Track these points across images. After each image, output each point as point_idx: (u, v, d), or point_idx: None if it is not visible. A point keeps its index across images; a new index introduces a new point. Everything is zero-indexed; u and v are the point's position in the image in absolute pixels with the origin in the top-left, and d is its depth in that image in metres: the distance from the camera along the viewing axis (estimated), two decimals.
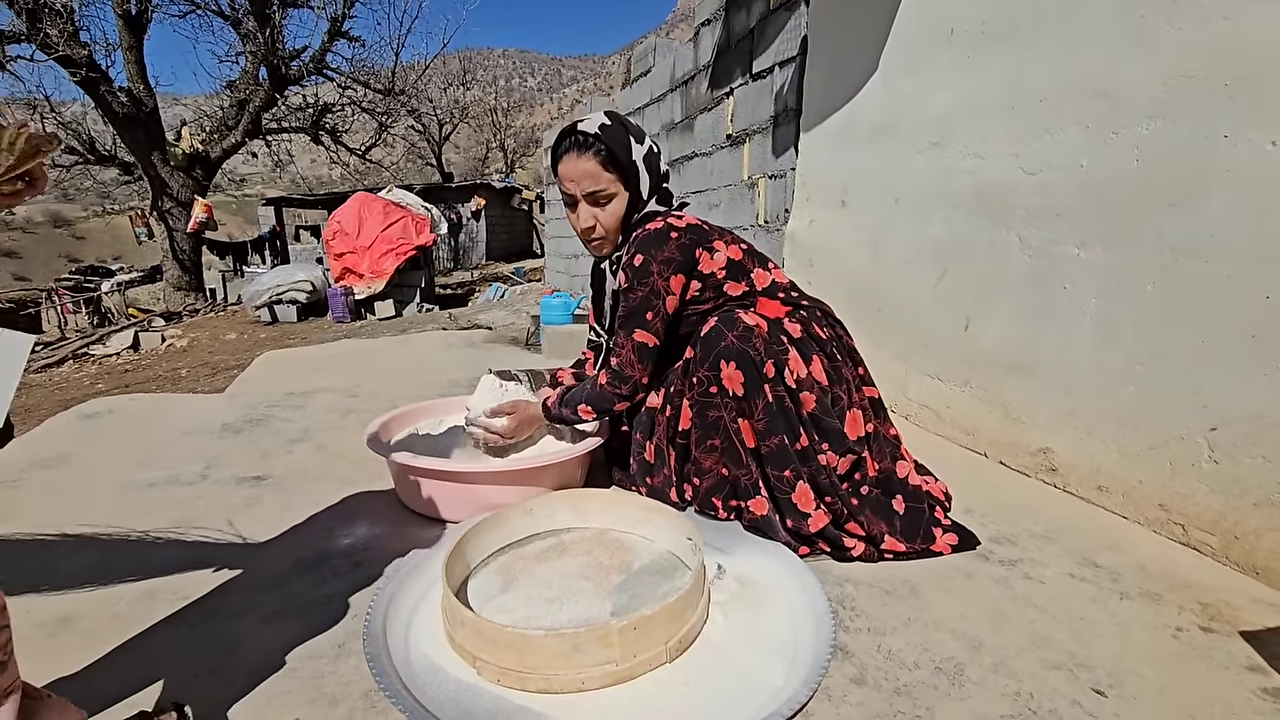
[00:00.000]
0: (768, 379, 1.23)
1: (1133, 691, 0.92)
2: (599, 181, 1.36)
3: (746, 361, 1.23)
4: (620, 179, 1.37)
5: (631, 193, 1.38)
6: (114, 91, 10.01)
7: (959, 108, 1.83)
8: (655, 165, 1.40)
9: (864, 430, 1.32)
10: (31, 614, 1.08)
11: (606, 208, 1.39)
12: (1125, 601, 1.14)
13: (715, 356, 1.24)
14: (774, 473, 1.23)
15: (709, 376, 1.26)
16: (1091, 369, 1.50)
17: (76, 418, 2.23)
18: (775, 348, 1.25)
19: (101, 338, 8.43)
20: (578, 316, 4.03)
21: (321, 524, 1.42)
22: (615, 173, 1.36)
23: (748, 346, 1.23)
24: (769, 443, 1.23)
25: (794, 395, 1.25)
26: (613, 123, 1.35)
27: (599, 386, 1.41)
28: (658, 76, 4.13)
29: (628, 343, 1.37)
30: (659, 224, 1.37)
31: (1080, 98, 1.50)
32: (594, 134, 1.34)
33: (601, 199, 1.38)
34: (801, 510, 1.21)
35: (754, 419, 1.24)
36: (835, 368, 1.33)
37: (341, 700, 0.88)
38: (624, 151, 1.35)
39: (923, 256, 1.99)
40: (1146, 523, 1.39)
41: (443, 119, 23.12)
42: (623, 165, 1.35)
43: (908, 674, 0.95)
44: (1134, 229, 1.39)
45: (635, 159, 1.36)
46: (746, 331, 1.24)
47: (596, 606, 1.06)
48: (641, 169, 1.37)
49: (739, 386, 1.23)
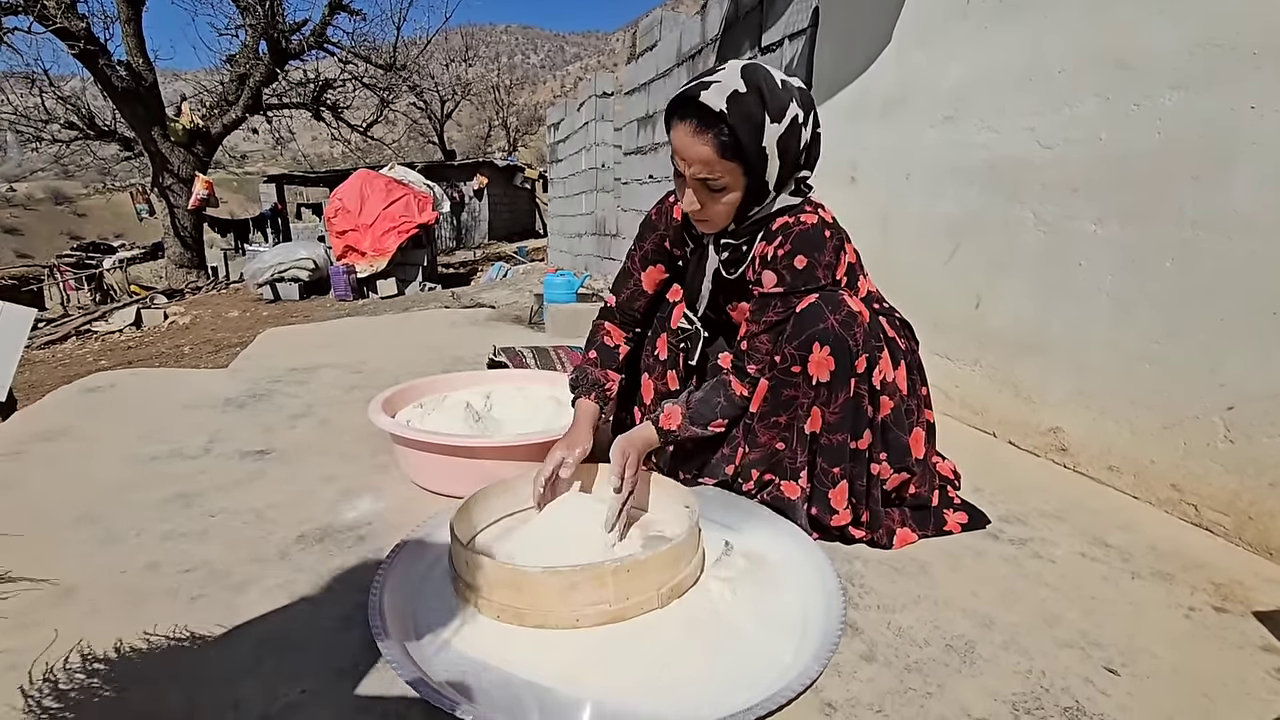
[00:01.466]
0: (857, 373, 1.13)
1: (1145, 670, 0.91)
2: (713, 170, 1.11)
3: (842, 349, 1.12)
4: (742, 169, 1.11)
5: (753, 182, 1.13)
6: (113, 65, 9.89)
7: (974, 80, 1.79)
8: (792, 145, 1.12)
9: (922, 453, 1.25)
10: (36, 584, 1.07)
11: (718, 198, 1.15)
12: (1137, 581, 1.13)
13: (809, 337, 1.13)
14: (823, 464, 1.17)
15: (795, 355, 1.14)
16: (1105, 347, 1.47)
17: (79, 391, 2.22)
18: (873, 342, 1.16)
19: (104, 314, 8.42)
20: (581, 295, 4.00)
21: (325, 498, 1.41)
22: (737, 161, 1.10)
23: (847, 334, 1.12)
24: (832, 437, 1.15)
25: (874, 397, 1.16)
26: (747, 90, 1.06)
27: (735, 398, 1.24)
28: (664, 50, 4.06)
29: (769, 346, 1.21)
30: (813, 218, 1.18)
31: (1100, 68, 1.46)
32: (718, 111, 1.06)
33: (714, 188, 1.13)
34: (832, 506, 1.17)
35: (829, 409, 1.14)
36: (913, 380, 1.25)
37: (348, 672, 0.88)
38: (753, 136, 1.07)
39: (933, 233, 1.96)
40: (1158, 503, 1.38)
41: (444, 96, 22.87)
42: (747, 154, 1.09)
43: (918, 651, 0.94)
44: (1154, 203, 1.36)
45: (766, 144, 1.09)
46: (850, 318, 1.13)
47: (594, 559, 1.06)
48: (772, 154, 1.10)
49: (825, 374, 1.13)
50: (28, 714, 0.80)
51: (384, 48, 13.22)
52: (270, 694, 0.84)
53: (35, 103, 11.47)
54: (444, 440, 1.36)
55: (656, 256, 1.40)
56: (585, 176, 6.56)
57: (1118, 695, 0.86)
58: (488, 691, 0.84)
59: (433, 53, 18.82)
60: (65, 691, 0.84)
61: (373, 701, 0.83)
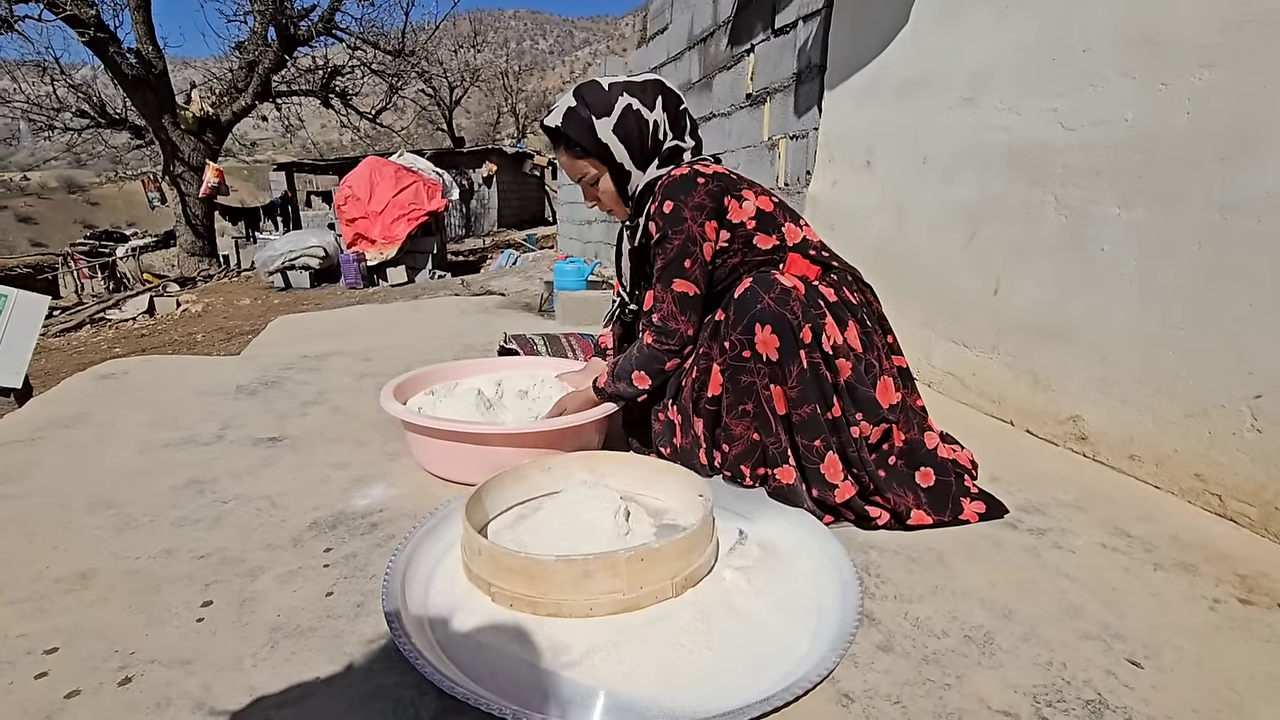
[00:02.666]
0: (804, 344, 1.16)
1: (1169, 663, 0.89)
2: (578, 170, 1.39)
3: (783, 325, 1.16)
4: (596, 160, 1.36)
5: (612, 168, 1.36)
6: (123, 53, 9.92)
7: (995, 61, 1.74)
8: (632, 129, 1.33)
9: (895, 399, 1.27)
10: (51, 569, 1.08)
11: (596, 189, 1.40)
12: (1159, 572, 1.11)
13: (750, 319, 1.18)
14: (804, 442, 1.19)
15: (742, 340, 1.19)
16: (1128, 334, 1.44)
17: (93, 378, 2.23)
18: (813, 311, 1.19)
19: (117, 303, 8.49)
20: (591, 282, 3.98)
21: (337, 485, 1.41)
22: (586, 158, 1.36)
23: (785, 310, 1.16)
24: (801, 411, 1.17)
25: (830, 362, 1.19)
26: (577, 103, 1.33)
27: (646, 347, 1.34)
28: (674, 34, 4.00)
29: (667, 295, 1.30)
30: (684, 170, 1.31)
31: (1127, 46, 1.42)
32: (556, 128, 1.35)
33: (590, 183, 1.40)
34: (829, 481, 1.18)
35: (787, 386, 1.18)
36: (868, 334, 1.27)
37: (362, 659, 0.87)
38: (587, 136, 1.33)
39: (951, 218, 1.92)
40: (1181, 493, 1.35)
41: (453, 82, 22.79)
42: (590, 150, 1.34)
43: (936, 642, 0.93)
44: (1181, 186, 1.32)
45: (601, 138, 1.32)
46: (784, 294, 1.18)
47: (607, 548, 1.06)
48: (614, 143, 1.33)
49: (773, 351, 1.17)
50: (45, 700, 0.80)
51: (392, 33, 13.19)
52: (285, 680, 0.84)
53: (47, 91, 11.53)
54: (455, 427, 1.36)
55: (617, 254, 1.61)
56: None
57: (1141, 688, 0.85)
58: (501, 679, 0.83)
59: (441, 38, 18.73)
60: (82, 677, 0.84)
61: (386, 688, 0.83)
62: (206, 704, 0.80)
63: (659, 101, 1.35)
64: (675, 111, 1.37)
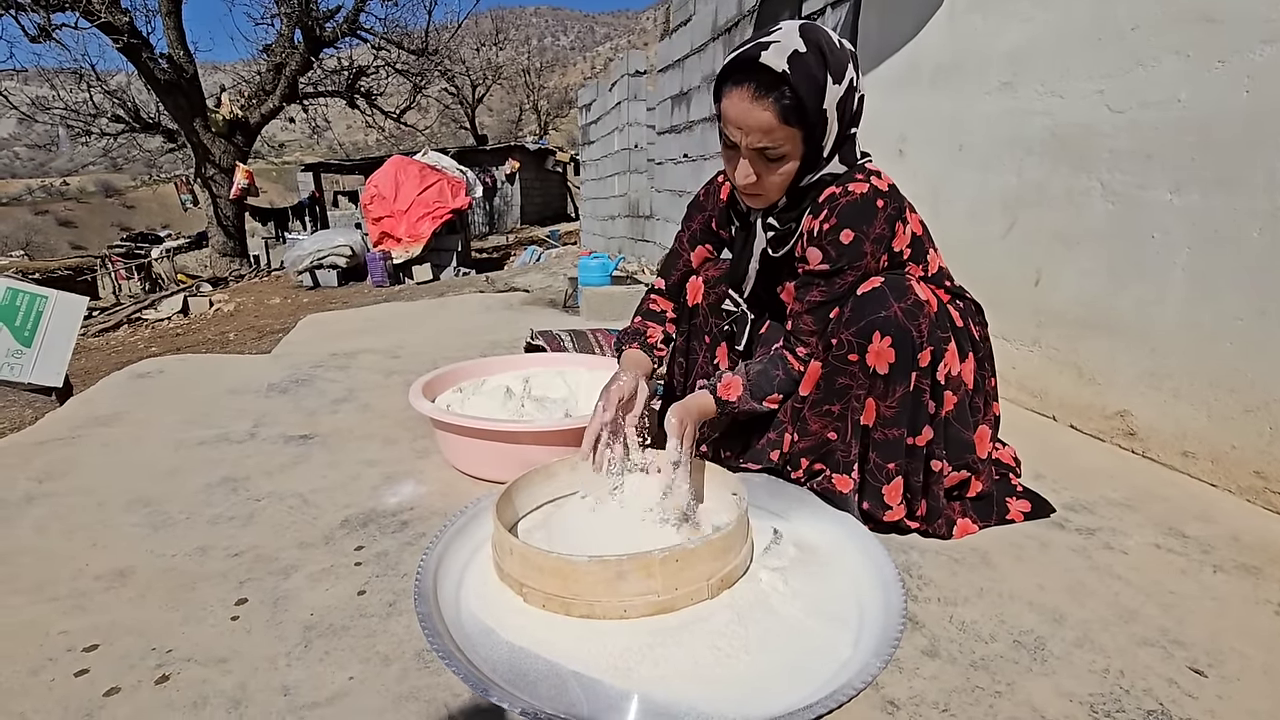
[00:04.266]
0: (918, 367, 1.05)
1: (1234, 672, 0.84)
2: (772, 138, 1.03)
3: (905, 342, 1.04)
4: (802, 134, 1.04)
5: (809, 149, 1.07)
6: (155, 58, 10.14)
7: (1035, 42, 1.68)
8: (849, 108, 1.07)
9: (987, 450, 1.17)
10: (91, 567, 1.09)
11: (776, 168, 1.08)
12: (1219, 575, 1.05)
13: (869, 324, 1.05)
14: (876, 459, 1.10)
15: (853, 343, 1.06)
16: (1181, 326, 1.38)
17: (129, 377, 2.27)
18: (939, 334, 1.07)
19: (153, 303, 8.70)
20: (615, 278, 3.96)
21: (368, 482, 1.41)
22: (798, 126, 1.03)
23: (912, 325, 1.04)
24: (887, 431, 1.08)
25: (937, 391, 1.09)
26: (808, 49, 1.00)
27: (793, 373, 1.18)
28: (699, 25, 3.96)
29: (820, 331, 1.15)
30: (863, 187, 1.09)
31: (1180, 24, 1.35)
32: (780, 72, 0.99)
33: (771, 157, 1.06)
34: (886, 502, 1.11)
35: (885, 404, 1.07)
36: (983, 374, 1.17)
37: (394, 660, 0.87)
38: (815, 97, 1.01)
39: (989, 207, 1.86)
40: (1239, 491, 1.29)
41: (475, 80, 22.93)
42: (809, 118, 1.02)
43: (984, 647, 0.89)
44: (1240, 169, 1.26)
45: (827, 106, 1.02)
46: (915, 306, 1.04)
47: (640, 548, 1.03)
48: (832, 119, 1.05)
49: (884, 366, 1.05)
50: (85, 697, 0.81)
51: (416, 33, 13.28)
52: (318, 680, 0.83)
53: (84, 98, 11.84)
54: (484, 425, 1.35)
55: (705, 236, 1.37)
56: (618, 158, 6.49)
57: (1205, 698, 0.80)
58: (534, 681, 0.82)
59: (464, 37, 18.84)
60: (120, 675, 0.84)
61: (419, 689, 0.82)
62: (241, 703, 0.79)
63: (860, 78, 1.09)
64: (861, 98, 1.11)
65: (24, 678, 0.84)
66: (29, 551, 1.15)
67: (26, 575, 1.07)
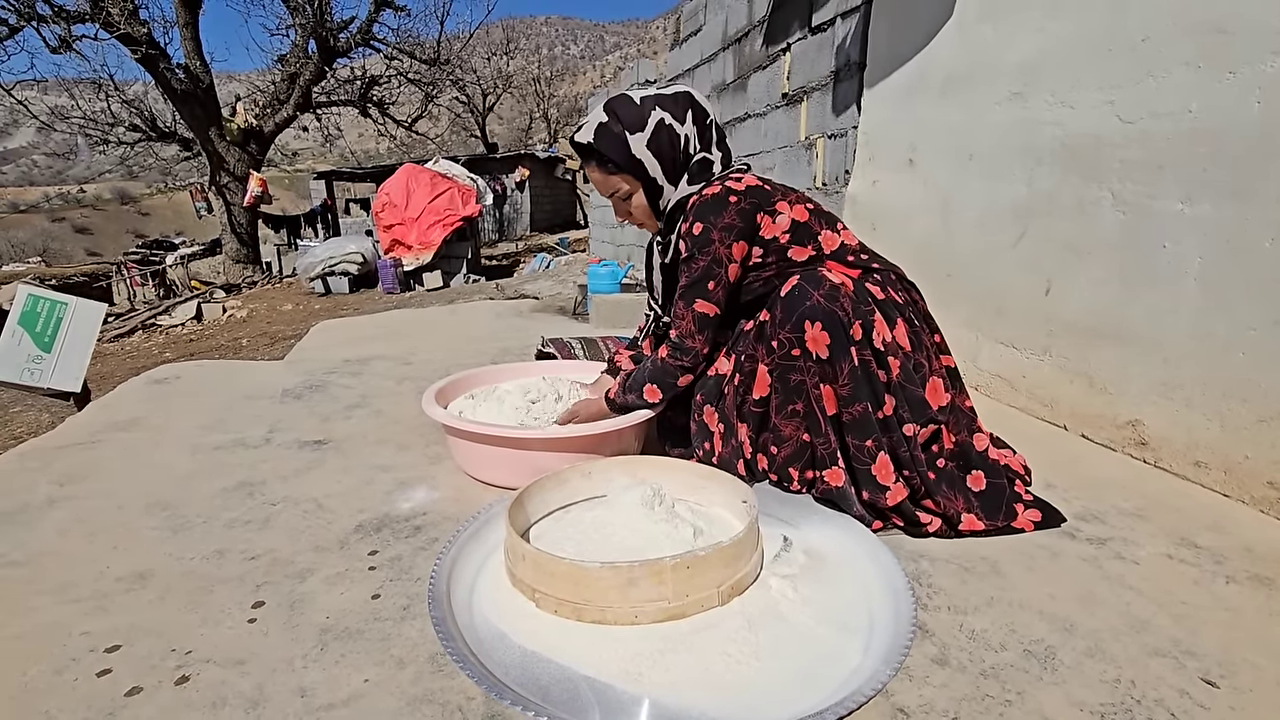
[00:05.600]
0: (854, 341, 1.14)
1: (1248, 683, 0.84)
2: (610, 185, 1.37)
3: (834, 322, 1.14)
4: (630, 176, 1.34)
5: (645, 183, 1.35)
6: (172, 69, 10.31)
7: (1045, 53, 1.69)
8: (666, 144, 1.32)
9: (944, 400, 1.24)
10: (112, 569, 1.11)
11: (629, 204, 1.39)
12: (1232, 585, 1.05)
13: (799, 317, 1.15)
14: (854, 442, 1.16)
15: (792, 338, 1.17)
16: (1193, 335, 1.38)
17: (146, 383, 2.30)
18: (863, 308, 1.17)
19: (168, 309, 8.80)
20: (625, 285, 3.98)
21: (382, 488, 1.43)
22: (620, 174, 1.34)
23: (835, 306, 1.14)
24: (852, 410, 1.15)
25: (881, 359, 1.17)
26: (609, 119, 1.32)
27: (660, 362, 1.36)
28: (708, 35, 3.98)
29: (688, 313, 1.31)
30: (716, 189, 1.30)
31: (1190, 35, 1.35)
32: (586, 145, 1.34)
33: (622, 198, 1.38)
34: (880, 483, 1.15)
35: (838, 384, 1.15)
36: (916, 333, 1.25)
37: (409, 663, 0.88)
38: (621, 152, 1.31)
39: (999, 216, 1.86)
40: (1252, 501, 1.28)
41: (486, 90, 23.11)
42: (624, 165, 1.32)
43: (994, 655, 0.89)
44: (1252, 179, 1.26)
45: (635, 153, 1.31)
46: (833, 290, 1.16)
47: (652, 555, 1.04)
48: (647, 159, 1.32)
49: (824, 349, 1.14)
50: (108, 697, 0.82)
51: (428, 43, 13.43)
52: (334, 682, 0.84)
53: (102, 107, 12.04)
54: (496, 432, 1.36)
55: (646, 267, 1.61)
56: None
57: (1218, 709, 0.80)
58: (546, 686, 0.83)
59: (475, 46, 19.03)
60: (142, 675, 0.86)
61: (434, 692, 0.83)
62: (259, 704, 0.81)
63: (689, 115, 1.34)
64: (703, 125, 1.36)
65: (49, 677, 0.86)
66: (51, 554, 1.17)
67: (49, 577, 1.09)
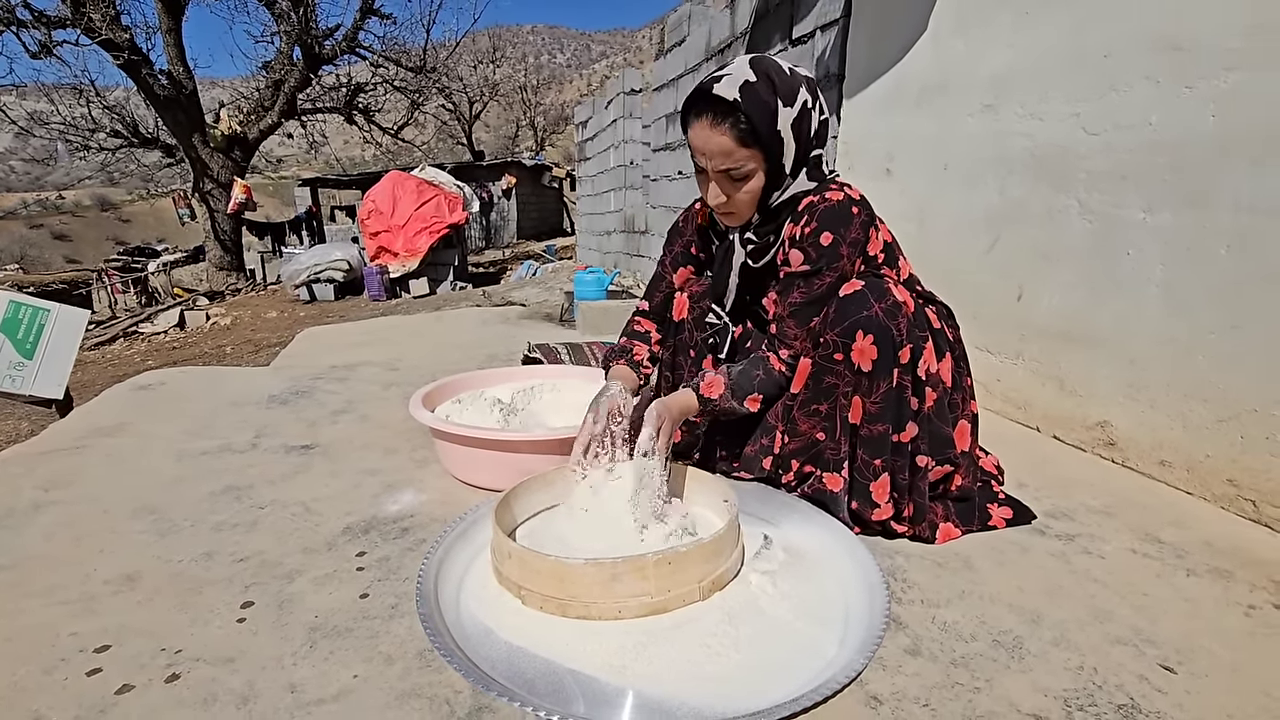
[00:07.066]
0: (899, 364, 1.11)
1: (1204, 669, 0.88)
2: (733, 159, 1.15)
3: (886, 339, 1.10)
4: (761, 154, 1.15)
5: (771, 167, 1.18)
6: (155, 74, 10.23)
7: (1015, 67, 1.75)
8: (805, 128, 1.17)
9: (966, 446, 1.23)
10: (99, 571, 1.12)
11: (741, 186, 1.18)
12: (1192, 578, 1.09)
13: (853, 324, 1.11)
14: (864, 455, 1.15)
15: (838, 343, 1.13)
16: (1157, 339, 1.43)
17: (131, 389, 2.30)
18: (917, 333, 1.13)
19: (149, 316, 8.71)
20: (611, 292, 4.01)
21: (369, 491, 1.44)
22: (755, 147, 1.14)
23: (892, 324, 1.10)
24: (872, 428, 1.13)
25: (918, 388, 1.15)
26: (758, 79, 1.11)
27: (774, 374, 1.24)
28: (692, 46, 4.05)
29: (802, 333, 1.22)
30: (839, 195, 1.19)
31: (1149, 51, 1.41)
32: (732, 100, 1.10)
33: (736, 177, 1.17)
34: (874, 499, 1.16)
35: (869, 399, 1.13)
36: (959, 372, 1.23)
37: (397, 659, 0.90)
38: (768, 121, 1.12)
39: (973, 224, 1.92)
40: (1213, 498, 1.34)
41: (473, 97, 23.13)
42: (764, 139, 1.13)
43: (964, 646, 0.93)
44: (1208, 189, 1.32)
45: (780, 128, 1.13)
46: (895, 307, 1.11)
47: (634, 551, 1.07)
48: (788, 138, 1.15)
49: (868, 363, 1.11)
50: (98, 695, 0.83)
51: (414, 51, 13.43)
52: (324, 678, 0.86)
53: (83, 112, 11.91)
54: (483, 434, 1.38)
55: (685, 259, 1.46)
56: (614, 174, 6.57)
57: (1175, 693, 0.84)
58: (532, 679, 0.85)
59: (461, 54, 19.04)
60: (132, 674, 0.87)
61: (422, 687, 0.85)
62: (250, 700, 0.82)
63: (819, 104, 1.19)
64: (824, 120, 1.22)
65: (38, 676, 0.86)
66: (38, 558, 1.17)
67: (36, 580, 1.09)
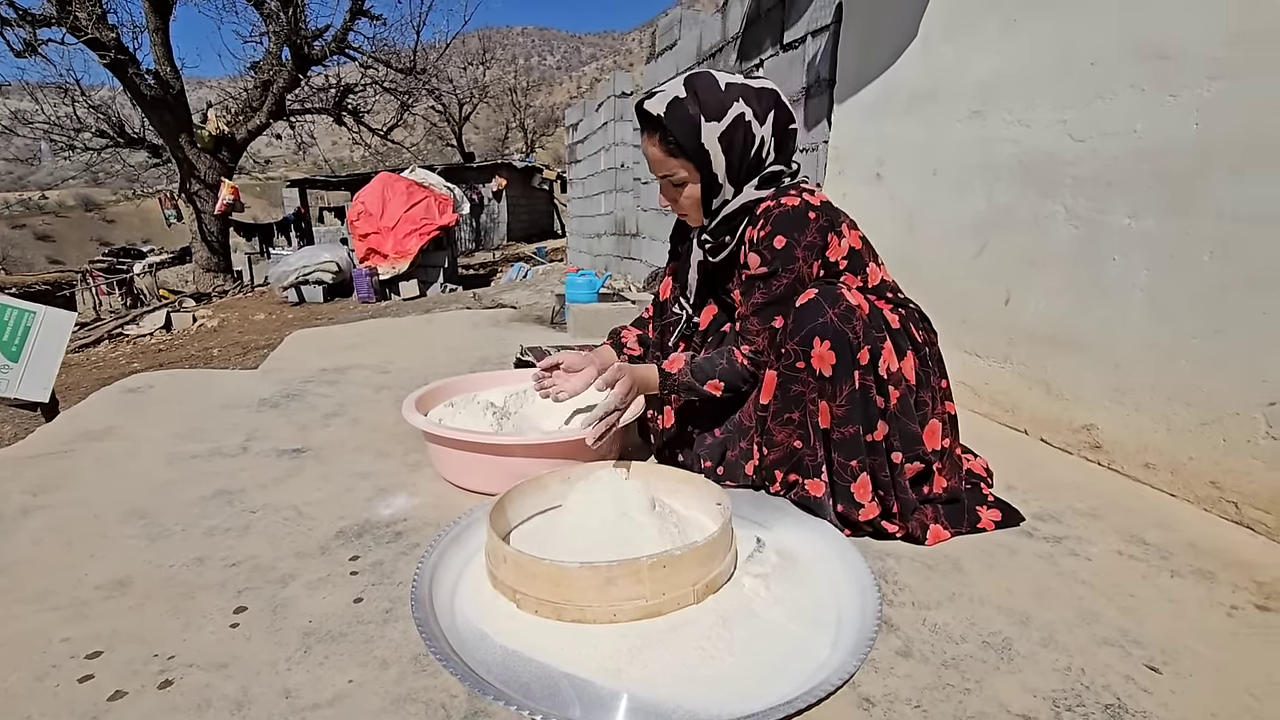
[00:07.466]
0: (859, 365, 1.15)
1: (1188, 669, 0.90)
2: (666, 168, 1.27)
3: (843, 343, 1.14)
4: (691, 164, 1.25)
5: (705, 176, 1.26)
6: (141, 74, 10.14)
7: (1003, 74, 1.77)
8: (737, 140, 1.22)
9: (941, 444, 1.25)
10: (90, 576, 1.11)
11: (680, 192, 1.30)
12: (1176, 579, 1.11)
13: (809, 332, 1.15)
14: (840, 459, 1.18)
15: (798, 351, 1.17)
16: (1141, 344, 1.45)
17: (119, 392, 2.28)
18: (874, 334, 1.16)
19: (135, 318, 8.62)
20: (602, 295, 4.02)
21: (361, 495, 1.44)
22: (680, 158, 1.25)
23: (846, 328, 1.14)
24: (844, 430, 1.16)
25: (882, 386, 1.17)
26: (685, 96, 1.21)
27: (739, 366, 1.30)
28: (683, 50, 4.06)
29: (765, 330, 1.27)
30: (795, 200, 1.24)
31: (1135, 59, 1.44)
32: (657, 116, 1.22)
33: (674, 183, 1.29)
34: (857, 500, 1.18)
35: (835, 403, 1.16)
36: (925, 371, 1.25)
37: (392, 663, 0.90)
38: (690, 136, 1.21)
39: (961, 230, 1.94)
40: (1197, 500, 1.36)
41: (463, 99, 23.05)
42: (689, 151, 1.23)
43: (955, 647, 0.94)
44: (1192, 196, 1.34)
45: (704, 142, 1.21)
46: (848, 311, 1.15)
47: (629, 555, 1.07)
48: (715, 151, 1.22)
49: (828, 368, 1.15)
50: (91, 701, 0.83)
51: (404, 52, 13.40)
52: (318, 683, 0.86)
53: (68, 112, 11.78)
54: (477, 438, 1.39)
55: (672, 254, 1.60)
56: (604, 176, 6.58)
57: (1160, 693, 0.86)
58: (528, 683, 0.85)
59: (451, 56, 18.99)
60: (124, 680, 0.87)
61: (417, 691, 0.85)
62: (244, 705, 0.82)
63: (771, 117, 1.24)
64: (784, 132, 1.27)
65: (29, 683, 0.86)
66: (27, 563, 1.16)
67: (27, 586, 1.08)
